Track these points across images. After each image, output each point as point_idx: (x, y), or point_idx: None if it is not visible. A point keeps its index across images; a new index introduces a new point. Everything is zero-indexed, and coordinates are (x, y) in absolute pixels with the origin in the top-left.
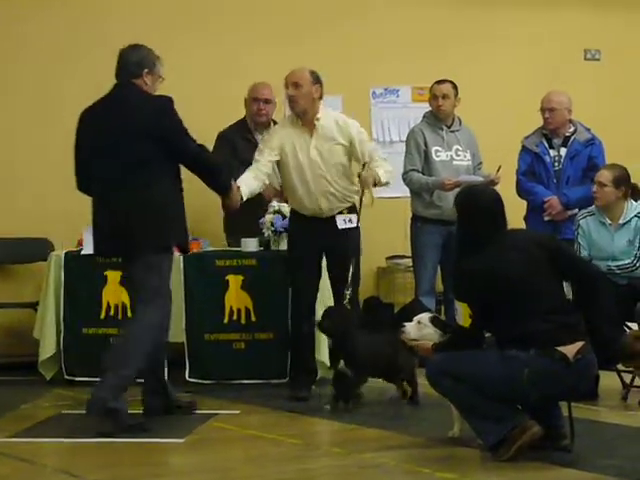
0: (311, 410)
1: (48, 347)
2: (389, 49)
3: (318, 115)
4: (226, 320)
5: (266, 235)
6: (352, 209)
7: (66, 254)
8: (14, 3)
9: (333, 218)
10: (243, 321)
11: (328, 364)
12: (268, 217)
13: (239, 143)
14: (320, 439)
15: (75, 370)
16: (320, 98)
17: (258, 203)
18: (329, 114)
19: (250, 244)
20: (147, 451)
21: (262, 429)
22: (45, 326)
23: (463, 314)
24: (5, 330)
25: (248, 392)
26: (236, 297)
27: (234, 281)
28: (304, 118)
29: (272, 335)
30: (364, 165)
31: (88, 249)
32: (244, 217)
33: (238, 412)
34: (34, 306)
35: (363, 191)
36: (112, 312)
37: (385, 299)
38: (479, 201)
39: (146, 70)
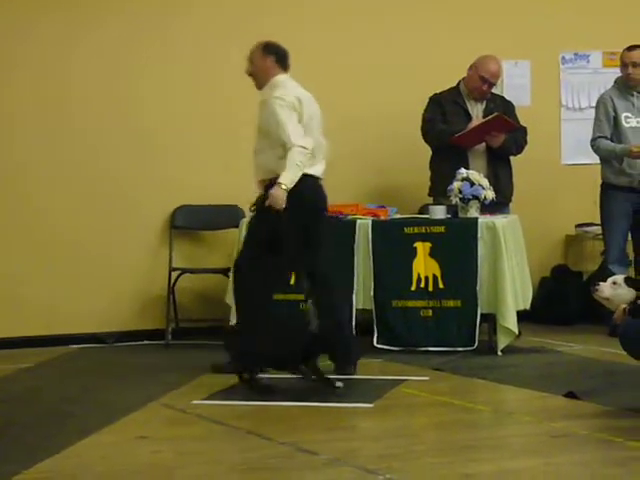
0: (499, 378)
1: None
2: (579, 13)
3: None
4: (414, 287)
5: (454, 202)
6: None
7: None
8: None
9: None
10: (431, 288)
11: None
12: (456, 184)
13: (448, 106)
14: (510, 406)
15: None
16: (272, 69)
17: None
18: (273, 83)
19: (438, 211)
20: (337, 415)
21: (451, 395)
22: None
23: None
24: (197, 295)
25: (436, 359)
26: (424, 264)
27: (422, 248)
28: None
29: (460, 303)
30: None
31: None
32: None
33: (427, 378)
34: (226, 272)
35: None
36: None
37: (574, 267)
38: None
39: None
